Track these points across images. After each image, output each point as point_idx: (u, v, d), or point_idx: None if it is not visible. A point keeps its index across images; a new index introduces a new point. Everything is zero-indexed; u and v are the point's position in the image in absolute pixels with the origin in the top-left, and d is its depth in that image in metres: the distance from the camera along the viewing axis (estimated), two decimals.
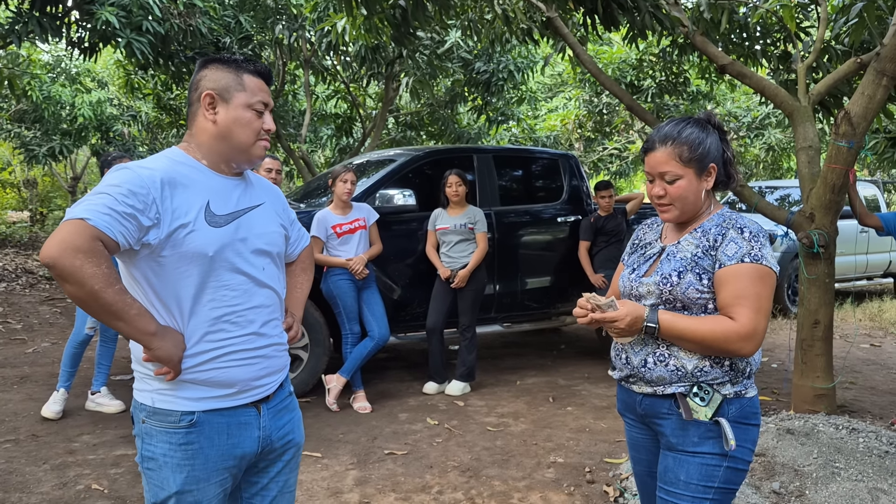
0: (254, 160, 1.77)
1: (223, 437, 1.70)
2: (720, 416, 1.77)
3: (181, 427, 1.66)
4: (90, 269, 1.47)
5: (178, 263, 1.62)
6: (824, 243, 4.23)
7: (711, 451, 1.79)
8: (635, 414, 1.96)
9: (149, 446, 1.68)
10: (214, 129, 1.71)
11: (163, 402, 1.67)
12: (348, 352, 4.85)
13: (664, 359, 1.82)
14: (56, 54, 12.82)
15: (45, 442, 4.10)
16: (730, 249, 1.77)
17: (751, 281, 1.74)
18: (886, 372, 6.17)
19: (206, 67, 1.74)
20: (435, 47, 9.57)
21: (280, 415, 1.84)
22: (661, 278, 1.85)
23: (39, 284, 9.80)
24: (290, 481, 1.91)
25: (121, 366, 5.87)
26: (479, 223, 5.23)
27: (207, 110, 1.71)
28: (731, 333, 1.73)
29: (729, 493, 1.82)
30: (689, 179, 1.85)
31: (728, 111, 14.28)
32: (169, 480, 1.66)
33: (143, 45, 6.95)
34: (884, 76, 3.92)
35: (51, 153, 12.28)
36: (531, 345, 7.18)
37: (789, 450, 3.52)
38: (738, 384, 1.81)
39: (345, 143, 13.61)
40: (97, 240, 1.49)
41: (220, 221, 1.68)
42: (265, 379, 1.77)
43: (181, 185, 1.64)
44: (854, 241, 9.54)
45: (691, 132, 1.86)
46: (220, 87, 1.71)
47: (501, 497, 3.42)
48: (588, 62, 5.36)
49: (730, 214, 1.86)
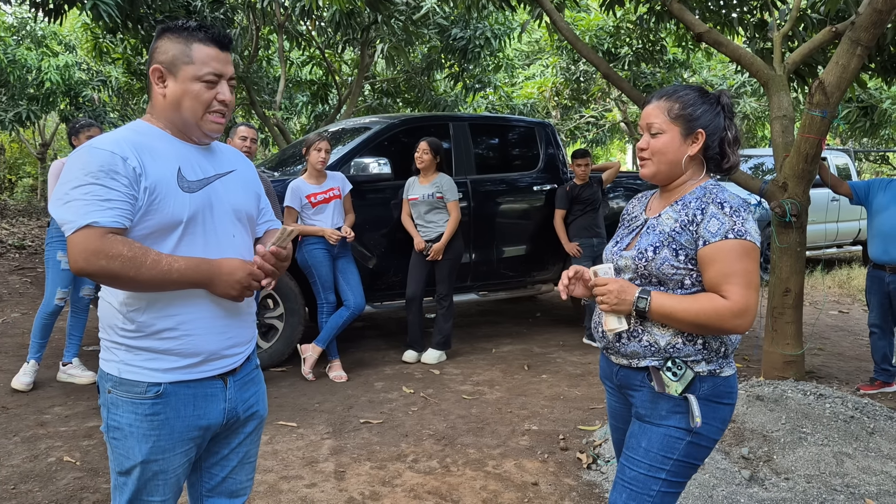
0: (207, 133, 1.73)
1: (189, 408, 1.70)
2: (691, 393, 1.78)
3: (147, 398, 1.65)
4: (116, 264, 1.52)
5: (152, 230, 1.62)
6: (796, 212, 4.27)
7: (677, 424, 1.80)
8: (613, 383, 1.98)
9: (115, 416, 1.68)
10: (165, 102, 1.69)
11: (129, 372, 1.66)
12: (324, 321, 4.84)
13: (637, 334, 1.83)
14: (20, 16, 12.44)
15: (16, 414, 4.05)
16: (712, 226, 1.74)
17: (737, 257, 1.72)
18: (853, 338, 6.30)
19: (160, 38, 1.70)
20: (410, 13, 9.42)
21: (246, 387, 1.84)
22: (637, 252, 1.84)
23: (9, 254, 9.62)
24: (251, 452, 1.92)
25: (92, 336, 5.80)
26: (449, 191, 5.17)
27: (157, 84, 1.69)
28: (724, 311, 1.70)
29: (687, 468, 1.83)
30: (671, 136, 1.83)
31: (704, 80, 14.29)
32: (134, 450, 1.67)
33: (110, 8, 6.74)
34: (858, 45, 3.92)
35: (17, 119, 11.98)
36: (507, 313, 7.21)
37: (758, 416, 3.59)
38: (713, 363, 1.80)
39: (320, 110, 13.43)
40: (108, 235, 1.53)
41: (192, 187, 1.67)
42: (232, 349, 1.76)
43: (149, 153, 1.63)
44: (825, 209, 9.67)
45: (688, 94, 1.85)
46: (168, 59, 1.67)
47: (476, 464, 3.45)
48: (565, 29, 5.31)
49: (712, 187, 1.82)
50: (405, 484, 3.22)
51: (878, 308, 4.69)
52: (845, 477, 3.14)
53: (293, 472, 3.33)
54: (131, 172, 1.57)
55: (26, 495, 3.07)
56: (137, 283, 1.56)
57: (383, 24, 9.03)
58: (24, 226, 12.31)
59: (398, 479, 3.27)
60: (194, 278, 1.61)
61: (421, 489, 3.17)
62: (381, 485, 3.21)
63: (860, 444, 3.40)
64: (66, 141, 18.54)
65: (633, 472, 1.84)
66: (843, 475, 3.15)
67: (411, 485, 3.21)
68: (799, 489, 3.05)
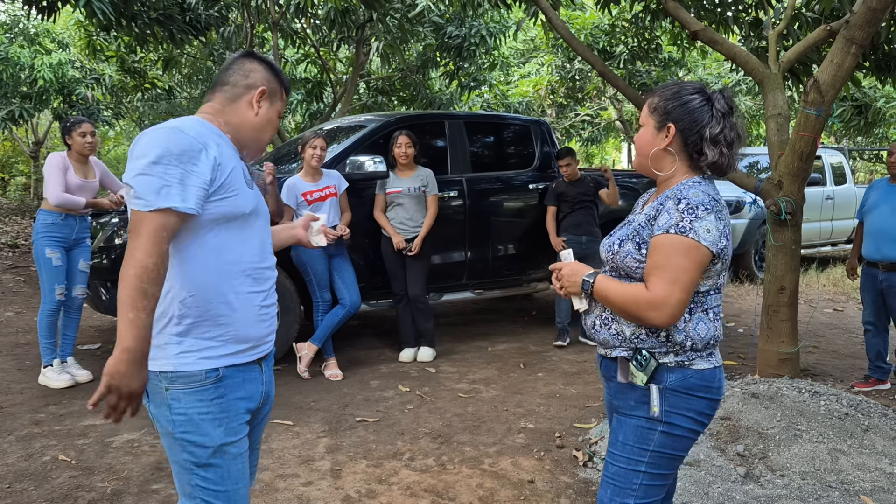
0: (255, 155, 1.91)
1: (241, 390, 1.77)
2: (655, 383, 1.79)
3: (209, 383, 1.70)
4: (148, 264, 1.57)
5: (219, 216, 1.69)
6: (791, 210, 4.28)
7: (646, 415, 1.81)
8: (603, 374, 2.00)
9: (180, 410, 1.68)
10: (254, 121, 1.82)
11: (185, 364, 1.69)
12: (319, 320, 4.83)
13: (607, 322, 1.86)
14: (13, 14, 12.37)
15: (10, 413, 4.04)
16: (661, 220, 1.76)
17: (672, 252, 1.71)
18: (848, 336, 6.32)
19: (256, 61, 1.85)
20: (406, 11, 9.40)
21: (270, 372, 1.93)
22: (607, 245, 1.89)
23: (2, 252, 9.58)
24: (259, 438, 1.98)
25: (87, 335, 5.79)
26: (431, 186, 5.17)
27: (255, 102, 1.81)
28: (641, 301, 1.73)
29: (667, 459, 1.83)
30: (647, 129, 1.87)
31: (699, 78, 14.31)
32: (212, 434, 1.70)
33: (104, 5, 6.72)
34: (853, 44, 3.94)
35: (10, 117, 11.91)
36: (503, 311, 7.22)
37: (754, 413, 3.60)
38: (682, 355, 1.80)
39: (315, 108, 13.40)
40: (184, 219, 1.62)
41: (250, 185, 1.81)
42: (269, 337, 1.86)
43: (220, 148, 1.71)
44: (820, 207, 9.70)
45: (670, 89, 1.85)
46: (271, 88, 1.85)
47: (472, 462, 3.45)
48: (561, 27, 5.32)
49: (683, 185, 1.80)
50: (402, 482, 3.22)
51: (871, 305, 4.71)
52: (840, 474, 3.15)
53: (289, 471, 3.33)
54: (212, 161, 1.65)
55: (21, 494, 3.05)
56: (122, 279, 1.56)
57: (378, 22, 9.02)
58: (17, 224, 12.26)
59: (394, 477, 3.27)
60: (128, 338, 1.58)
61: (417, 487, 3.17)
62: (377, 483, 3.21)
63: (855, 441, 3.41)
64: (59, 139, 18.46)
65: (615, 467, 1.86)
66: (837, 472, 3.16)
67: (408, 483, 3.21)
68: (794, 486, 3.06)
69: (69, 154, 4.52)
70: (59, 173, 4.39)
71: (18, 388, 4.46)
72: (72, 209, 4.44)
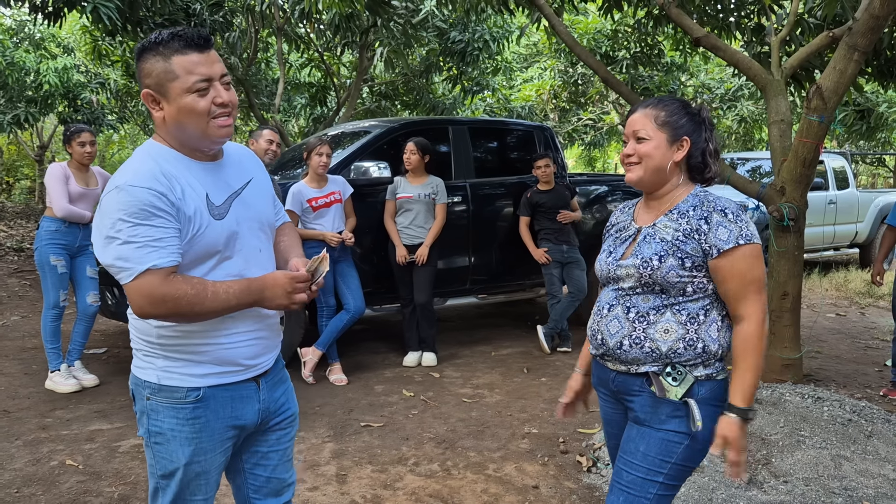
0: (215, 139, 1.66)
1: (227, 409, 1.75)
2: (690, 397, 1.81)
3: (188, 402, 1.70)
4: (182, 304, 1.57)
5: (190, 259, 1.65)
6: (794, 216, 4.29)
7: (676, 429, 1.82)
8: (608, 389, 1.99)
9: (156, 421, 1.71)
10: (167, 125, 1.65)
11: (168, 378, 1.69)
12: (324, 324, 4.85)
13: (640, 342, 1.84)
14: (19, 19, 12.43)
15: (17, 418, 4.06)
16: (722, 234, 1.79)
17: (753, 261, 1.79)
18: (851, 341, 6.33)
19: (140, 60, 1.63)
20: (409, 16, 9.44)
21: (276, 387, 1.90)
22: (641, 261, 1.85)
23: (7, 256, 9.62)
24: (290, 450, 1.97)
25: (93, 339, 5.82)
26: (440, 194, 5.21)
27: (153, 108, 1.64)
28: (756, 339, 1.79)
29: (684, 471, 1.85)
30: (658, 142, 1.87)
31: (702, 83, 14.34)
32: (178, 453, 1.71)
33: (110, 11, 6.76)
34: (855, 51, 3.95)
35: (16, 121, 11.95)
36: (506, 316, 7.23)
37: (757, 419, 3.61)
38: (710, 367, 1.84)
39: (319, 113, 13.43)
40: (169, 276, 1.57)
41: (221, 212, 1.68)
42: (263, 356, 1.82)
43: (179, 183, 1.62)
44: (822, 212, 9.70)
45: (673, 104, 1.90)
46: (154, 81, 1.61)
47: (477, 468, 3.47)
48: (563, 32, 5.34)
49: (705, 196, 1.87)
50: (406, 487, 3.24)
51: None
52: (843, 480, 3.16)
53: (294, 476, 3.34)
54: (171, 207, 1.58)
55: (29, 499, 3.08)
56: (201, 315, 1.61)
57: (382, 28, 9.05)
58: (22, 228, 12.29)
59: (399, 483, 3.29)
60: (248, 300, 1.66)
61: (422, 492, 3.19)
62: (382, 488, 3.23)
63: (858, 447, 3.42)
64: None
65: (631, 475, 1.86)
66: (841, 478, 3.17)
67: (413, 488, 3.23)
68: (797, 492, 3.08)
69: (70, 163, 4.57)
70: (61, 184, 4.43)
71: (25, 393, 4.49)
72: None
